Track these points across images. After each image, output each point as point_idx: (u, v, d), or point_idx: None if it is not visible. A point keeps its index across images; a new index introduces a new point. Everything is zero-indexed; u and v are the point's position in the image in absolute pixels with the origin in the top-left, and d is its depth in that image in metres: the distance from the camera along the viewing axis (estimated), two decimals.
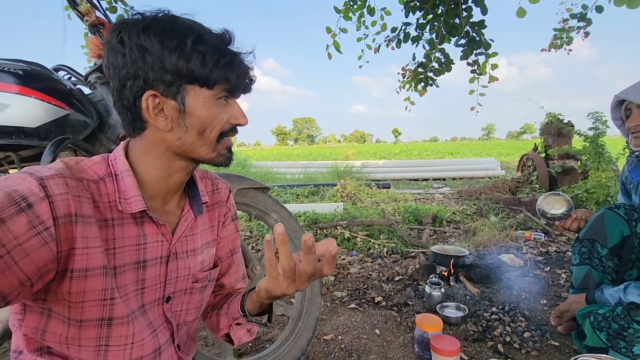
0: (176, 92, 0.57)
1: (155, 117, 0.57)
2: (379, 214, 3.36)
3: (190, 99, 0.57)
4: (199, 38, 0.55)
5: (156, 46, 0.54)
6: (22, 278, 0.46)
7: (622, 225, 1.27)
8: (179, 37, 0.55)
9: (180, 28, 0.55)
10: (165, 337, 0.68)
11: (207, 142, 0.61)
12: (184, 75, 0.56)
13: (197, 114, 0.58)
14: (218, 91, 0.59)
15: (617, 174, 3.87)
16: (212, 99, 0.59)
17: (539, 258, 2.37)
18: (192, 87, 0.57)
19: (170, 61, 0.54)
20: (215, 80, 0.57)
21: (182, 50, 0.54)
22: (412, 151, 18.73)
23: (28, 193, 0.47)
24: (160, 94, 0.56)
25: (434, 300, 1.69)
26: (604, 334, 1.15)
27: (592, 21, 2.69)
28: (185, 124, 0.58)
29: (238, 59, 0.60)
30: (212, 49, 0.56)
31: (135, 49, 0.54)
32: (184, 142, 0.59)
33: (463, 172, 8.27)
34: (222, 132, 0.61)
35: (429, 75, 3.12)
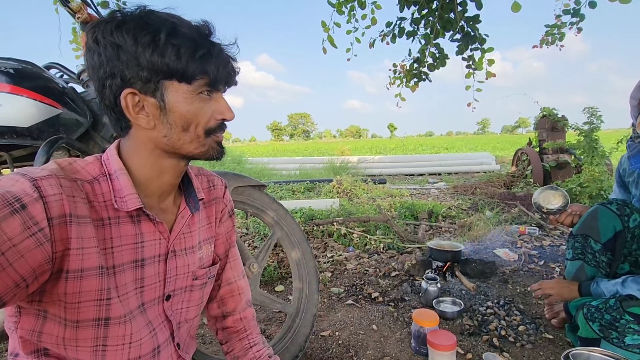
0: (154, 88, 0.55)
1: (136, 116, 0.57)
2: (375, 210, 3.37)
3: (170, 95, 0.56)
4: (173, 31, 0.54)
5: (129, 43, 0.53)
6: (17, 279, 0.46)
7: (615, 220, 1.29)
8: (152, 31, 0.53)
9: (154, 22, 0.54)
10: (165, 336, 0.68)
11: (194, 137, 0.59)
12: (160, 70, 0.54)
13: (179, 110, 0.57)
14: (198, 85, 0.57)
15: (610, 169, 3.91)
16: (193, 93, 0.57)
17: (534, 252, 2.40)
18: (170, 82, 0.56)
19: (145, 57, 0.53)
20: (192, 73, 0.55)
21: (156, 45, 0.53)
22: (407, 146, 18.77)
23: (21, 194, 0.47)
24: (138, 91, 0.55)
25: (430, 296, 1.70)
26: (597, 325, 1.18)
27: (585, 17, 2.70)
28: (168, 120, 0.57)
29: (217, 50, 0.57)
30: (187, 41, 0.54)
31: (109, 47, 0.53)
32: (171, 138, 0.59)
33: (458, 167, 8.32)
34: (208, 128, 0.60)
35: (423, 70, 3.12)
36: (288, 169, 8.30)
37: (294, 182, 5.68)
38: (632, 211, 1.29)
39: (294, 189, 5.19)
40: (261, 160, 9.53)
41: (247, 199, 1.29)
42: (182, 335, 0.73)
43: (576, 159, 4.42)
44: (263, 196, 1.32)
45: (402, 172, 8.25)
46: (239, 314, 0.83)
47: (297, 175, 7.39)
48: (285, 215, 1.36)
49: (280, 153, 18.80)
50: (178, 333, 0.71)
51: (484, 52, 2.72)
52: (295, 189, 5.18)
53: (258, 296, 1.26)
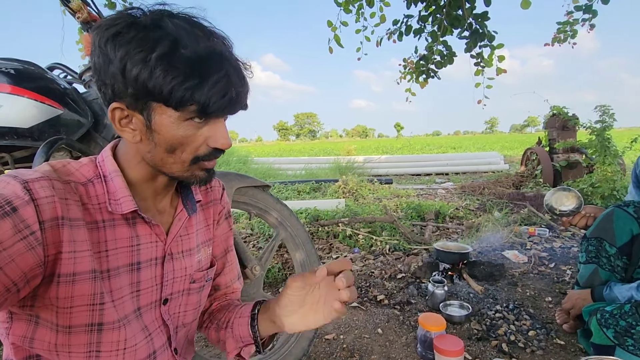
0: (142, 107, 0.52)
1: (122, 128, 0.54)
2: (381, 210, 3.33)
3: (157, 117, 0.52)
4: (169, 51, 0.48)
5: (119, 57, 0.49)
6: (7, 284, 0.45)
7: (632, 223, 1.24)
8: (148, 47, 0.48)
9: (154, 36, 0.49)
10: (162, 340, 0.66)
11: (178, 161, 0.56)
12: (146, 91, 0.50)
13: (164, 133, 0.53)
14: (187, 112, 0.52)
15: (623, 168, 3.82)
16: (181, 120, 0.52)
17: (544, 254, 2.34)
18: (157, 104, 0.51)
19: (131, 75, 0.49)
20: (179, 101, 0.50)
21: (145, 65, 0.48)
22: (414, 146, 18.66)
23: (12, 197, 0.46)
24: (126, 107, 0.53)
25: (437, 299, 1.67)
26: (611, 332, 1.14)
27: (598, 13, 2.63)
28: (153, 139, 0.54)
29: (213, 81, 0.50)
30: (179, 66, 0.49)
31: (102, 57, 0.51)
32: (154, 156, 0.56)
33: (466, 167, 8.22)
34: (196, 155, 0.56)
35: (431, 67, 3.08)
36: (294, 169, 8.29)
37: (299, 182, 5.66)
38: None
39: (300, 189, 5.17)
40: (267, 160, 9.54)
41: (250, 199, 1.27)
42: (180, 340, 0.72)
43: (587, 159, 4.33)
44: (267, 196, 1.31)
45: (409, 172, 8.19)
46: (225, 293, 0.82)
47: (302, 175, 7.38)
48: (289, 215, 1.35)
49: (286, 153, 18.84)
50: (175, 338, 0.70)
51: (494, 49, 2.67)
52: (300, 189, 5.17)
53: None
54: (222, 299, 0.82)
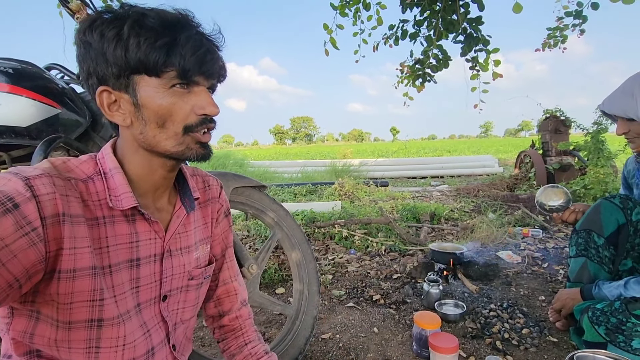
0: (126, 84, 0.54)
1: (111, 113, 0.56)
2: (377, 212, 3.35)
3: (141, 89, 0.54)
4: (137, 22, 0.51)
5: (96, 39, 0.52)
6: (10, 280, 0.45)
7: (618, 213, 1.27)
8: (118, 25, 0.52)
9: (123, 16, 0.52)
10: (160, 337, 0.67)
11: (170, 134, 0.56)
12: (126, 65, 0.52)
13: (151, 106, 0.55)
14: (168, 78, 0.54)
15: (615, 171, 3.88)
16: (165, 87, 0.54)
17: (537, 254, 2.37)
18: (140, 77, 0.54)
19: (110, 52, 0.52)
20: (156, 64, 0.52)
21: (120, 38, 0.51)
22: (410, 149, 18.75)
23: (14, 193, 0.47)
24: (111, 88, 0.55)
25: (432, 298, 1.68)
26: (603, 329, 1.15)
27: (588, 18, 2.68)
28: (143, 117, 0.56)
29: (183, 38, 0.53)
30: (150, 30, 0.51)
31: (82, 46, 0.53)
32: (146, 135, 0.57)
33: (461, 170, 8.28)
34: (186, 124, 0.57)
35: (427, 71, 3.12)
36: (290, 172, 8.30)
37: (295, 185, 5.67)
38: (635, 204, 1.27)
39: (296, 192, 5.18)
40: (263, 164, 9.54)
41: (246, 199, 1.28)
42: (178, 337, 0.72)
43: (580, 161, 4.39)
44: (263, 197, 1.32)
45: (405, 175, 8.23)
46: (234, 313, 0.84)
47: (299, 178, 7.38)
48: (285, 216, 1.35)
49: (282, 156, 18.83)
50: (174, 334, 0.70)
51: (489, 53, 2.71)
52: (297, 192, 5.18)
53: (258, 298, 1.25)
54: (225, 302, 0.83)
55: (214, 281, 0.82)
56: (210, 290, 0.82)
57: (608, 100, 1.21)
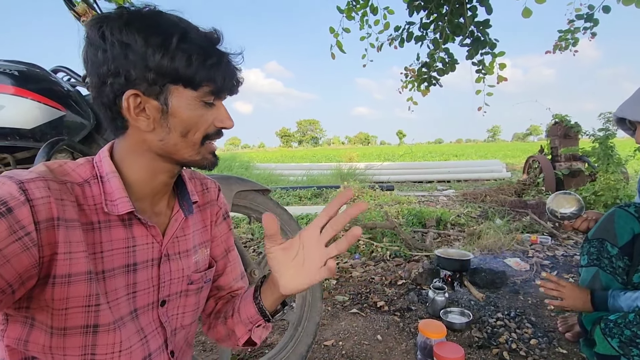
0: (159, 92, 0.54)
1: (136, 117, 0.55)
2: (382, 216, 3.32)
3: (174, 99, 0.55)
4: (185, 36, 0.53)
5: (139, 43, 0.51)
6: (2, 285, 0.45)
7: (633, 222, 1.23)
8: (163, 34, 0.52)
9: (165, 24, 0.53)
10: (158, 343, 0.66)
11: (190, 144, 0.59)
12: (168, 74, 0.53)
13: (181, 115, 0.56)
14: (203, 92, 0.57)
15: (626, 177, 3.81)
16: (197, 100, 0.57)
17: (546, 262, 2.33)
18: (175, 87, 0.55)
19: (154, 60, 0.52)
20: (200, 81, 0.55)
21: (167, 49, 0.52)
22: (416, 153, 18.67)
23: (7, 197, 0.46)
24: (142, 93, 0.54)
25: (438, 306, 1.65)
26: (616, 341, 1.12)
27: (599, 21, 2.65)
28: (168, 124, 0.56)
29: (225, 60, 0.57)
30: (199, 48, 0.54)
31: (117, 45, 0.52)
32: (167, 143, 0.57)
33: (468, 175, 8.21)
34: (206, 134, 0.60)
35: (433, 75, 3.10)
36: (295, 175, 8.30)
37: (300, 188, 5.67)
38: None
39: (301, 195, 5.18)
40: (269, 166, 9.56)
41: (250, 203, 1.27)
42: (178, 343, 0.71)
43: (590, 167, 4.32)
44: (267, 201, 1.31)
45: (410, 179, 8.18)
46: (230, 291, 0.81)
47: (304, 181, 7.38)
48: (289, 220, 1.34)
49: (288, 159, 18.87)
50: (173, 340, 0.69)
51: (495, 57, 2.69)
52: (302, 195, 5.17)
53: None
54: (226, 298, 0.81)
55: (214, 283, 0.80)
56: (211, 291, 0.80)
57: (627, 105, 1.16)
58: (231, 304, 0.76)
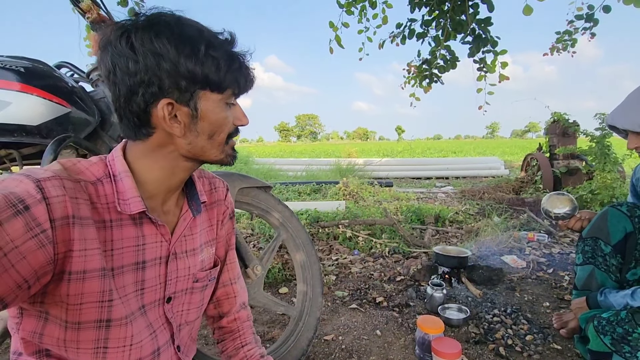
0: (190, 98, 0.57)
1: (171, 125, 0.57)
2: (381, 213, 3.34)
3: (202, 103, 0.58)
4: (210, 43, 0.56)
5: (172, 53, 0.54)
6: (19, 281, 0.46)
7: (625, 221, 1.25)
8: (192, 42, 0.55)
9: (190, 32, 0.56)
10: (165, 338, 0.68)
11: (216, 144, 0.62)
12: (198, 81, 0.56)
13: (209, 119, 0.59)
14: (227, 95, 0.60)
15: (622, 176, 3.83)
16: (222, 102, 0.60)
17: (542, 260, 2.36)
18: (204, 92, 0.58)
19: (187, 67, 0.54)
20: (227, 84, 0.59)
21: (197, 56, 0.55)
22: (415, 149, 18.66)
23: (25, 195, 0.47)
24: (175, 101, 0.56)
25: (436, 302, 1.68)
26: (609, 338, 1.14)
27: (599, 21, 2.65)
28: (197, 128, 0.59)
29: (245, 63, 0.61)
30: (224, 53, 0.57)
31: (150, 55, 0.53)
32: (195, 146, 0.60)
33: (466, 171, 8.23)
34: (229, 133, 0.63)
35: (434, 72, 3.10)
36: (294, 170, 8.30)
37: (300, 183, 5.67)
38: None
39: (300, 191, 5.18)
40: (268, 161, 9.55)
41: (252, 200, 1.28)
42: (182, 338, 0.73)
43: (587, 165, 4.34)
44: (269, 197, 1.32)
45: (409, 175, 8.20)
46: (233, 315, 0.85)
47: (303, 176, 7.39)
48: (290, 217, 1.36)
49: (287, 154, 18.85)
50: (179, 335, 0.71)
51: (497, 55, 2.69)
52: (301, 191, 5.18)
53: (262, 298, 1.25)
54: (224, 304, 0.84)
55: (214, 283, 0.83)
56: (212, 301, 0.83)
57: (617, 113, 1.16)
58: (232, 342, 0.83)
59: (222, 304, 0.84)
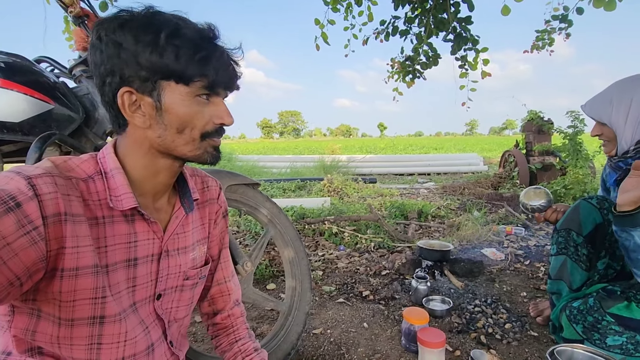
0: (152, 88, 0.56)
1: (132, 114, 0.57)
2: (366, 209, 3.39)
3: (167, 95, 0.56)
4: (175, 32, 0.54)
5: (130, 41, 0.53)
6: (11, 278, 0.46)
7: (595, 213, 1.32)
8: (154, 31, 0.53)
9: (157, 22, 0.54)
10: (158, 334, 0.68)
11: (189, 140, 0.59)
12: (158, 70, 0.54)
13: (175, 112, 0.57)
14: (196, 88, 0.57)
15: (593, 171, 4.03)
16: (190, 96, 0.57)
17: (520, 252, 2.46)
18: (167, 83, 0.56)
19: (144, 56, 0.53)
20: (190, 75, 0.55)
21: (156, 45, 0.53)
22: (397, 146, 18.91)
23: (16, 192, 0.47)
24: (135, 90, 0.56)
25: (420, 294, 1.73)
26: (580, 327, 1.21)
27: (573, 22, 2.77)
28: (164, 121, 0.57)
29: (218, 53, 0.57)
30: (188, 42, 0.54)
31: (111, 44, 0.54)
32: (165, 139, 0.58)
33: (447, 168, 8.43)
34: (205, 131, 0.59)
35: (417, 68, 3.16)
36: (278, 167, 8.28)
37: (284, 180, 5.67)
38: (610, 205, 1.33)
39: (285, 187, 5.18)
40: (251, 158, 9.48)
41: (240, 197, 1.29)
42: (173, 334, 0.73)
43: (561, 162, 4.54)
44: (257, 194, 1.33)
45: (392, 171, 8.32)
46: (227, 312, 0.85)
47: (287, 173, 7.38)
48: (278, 213, 1.37)
49: (270, 151, 18.73)
50: (170, 331, 0.71)
51: (478, 52, 2.77)
52: (286, 187, 5.18)
53: (251, 294, 1.26)
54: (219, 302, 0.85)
55: (208, 281, 0.83)
56: (205, 289, 0.83)
57: (589, 102, 1.28)
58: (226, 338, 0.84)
59: (216, 302, 0.84)
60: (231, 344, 0.83)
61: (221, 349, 0.84)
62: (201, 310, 0.87)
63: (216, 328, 0.85)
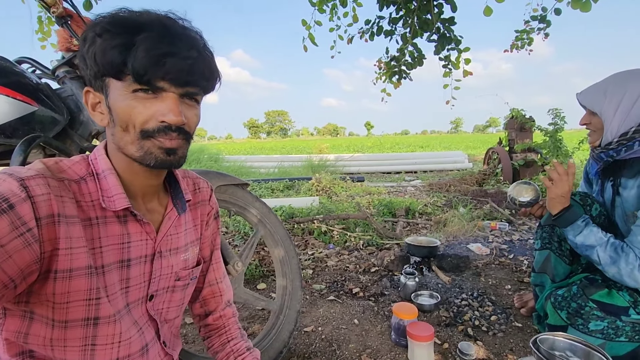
0: (102, 86, 0.56)
1: (93, 113, 0.59)
2: (354, 207, 3.42)
3: (111, 92, 0.55)
4: (107, 24, 0.51)
5: (81, 42, 0.55)
6: (5, 280, 0.46)
7: (578, 209, 1.38)
8: (92, 28, 0.53)
9: (98, 19, 0.53)
10: (151, 334, 0.68)
11: (132, 138, 0.55)
12: (99, 67, 0.53)
13: (115, 108, 0.55)
14: (128, 82, 0.52)
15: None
16: (127, 91, 0.53)
17: (504, 246, 2.52)
18: (109, 79, 0.54)
19: (88, 54, 0.53)
20: (115, 67, 0.51)
21: (93, 41, 0.53)
22: (384, 144, 19.06)
23: (9, 194, 0.47)
24: (92, 89, 0.57)
25: (409, 290, 1.76)
26: (564, 313, 1.26)
27: (552, 23, 2.86)
28: (114, 119, 0.56)
29: (141, 39, 0.50)
30: (114, 34, 0.51)
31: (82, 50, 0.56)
32: (116, 137, 0.57)
33: (433, 165, 8.56)
34: (144, 129, 0.54)
35: (402, 68, 3.20)
36: (266, 167, 8.24)
37: (273, 180, 5.65)
38: (592, 201, 1.38)
39: (273, 187, 5.17)
40: (239, 158, 9.40)
41: (230, 197, 1.29)
42: (165, 334, 0.73)
43: (542, 158, 4.67)
44: (246, 194, 1.33)
45: (380, 170, 8.40)
46: (219, 312, 0.85)
47: (275, 173, 7.35)
48: (268, 213, 1.37)
49: (257, 151, 18.61)
50: (162, 331, 0.72)
51: (461, 52, 2.82)
52: (274, 187, 5.17)
53: (242, 294, 1.27)
54: (211, 303, 0.85)
55: (200, 283, 0.84)
56: (196, 290, 0.84)
57: (584, 91, 1.30)
58: (218, 338, 0.84)
59: (208, 303, 0.84)
60: (223, 345, 0.83)
61: (213, 349, 0.84)
62: (193, 312, 0.87)
63: (208, 329, 0.85)
